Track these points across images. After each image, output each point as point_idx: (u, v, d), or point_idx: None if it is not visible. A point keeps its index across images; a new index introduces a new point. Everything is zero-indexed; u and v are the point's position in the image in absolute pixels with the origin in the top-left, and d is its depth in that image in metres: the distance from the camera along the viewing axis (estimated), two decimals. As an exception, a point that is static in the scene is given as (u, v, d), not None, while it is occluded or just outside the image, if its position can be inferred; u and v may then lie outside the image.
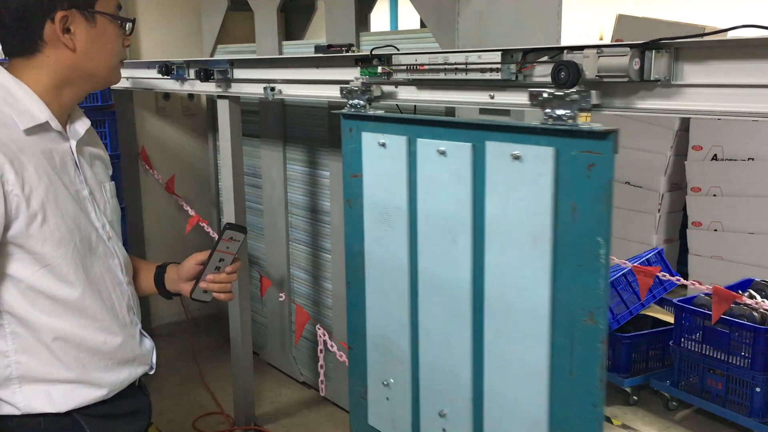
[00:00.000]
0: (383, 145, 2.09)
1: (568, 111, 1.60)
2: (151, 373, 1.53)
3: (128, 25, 1.42)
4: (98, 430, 1.38)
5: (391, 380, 2.23)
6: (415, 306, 2.09)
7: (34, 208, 1.26)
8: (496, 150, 1.76)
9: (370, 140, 2.14)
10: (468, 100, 1.91)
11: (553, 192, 1.66)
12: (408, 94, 2.13)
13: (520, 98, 1.77)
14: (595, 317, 1.64)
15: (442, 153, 1.91)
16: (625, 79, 1.46)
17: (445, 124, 1.93)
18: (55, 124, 1.34)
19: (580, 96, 1.56)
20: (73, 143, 1.39)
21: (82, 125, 1.41)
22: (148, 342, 1.53)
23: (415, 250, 2.04)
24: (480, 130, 1.81)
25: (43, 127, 1.32)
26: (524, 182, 1.71)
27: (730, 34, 1.45)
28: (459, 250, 1.91)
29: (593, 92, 1.57)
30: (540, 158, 1.67)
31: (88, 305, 1.35)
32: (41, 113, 1.31)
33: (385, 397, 2.27)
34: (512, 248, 1.77)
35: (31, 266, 1.28)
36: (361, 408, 2.39)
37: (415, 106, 2.42)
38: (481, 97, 1.86)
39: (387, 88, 2.19)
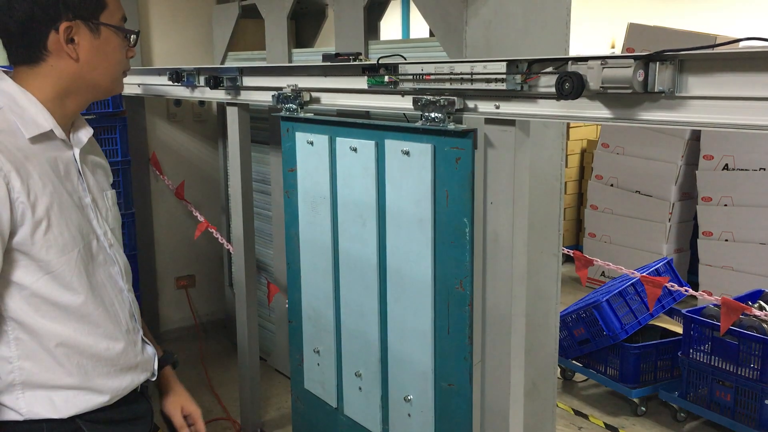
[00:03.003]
0: (311, 143, 2.43)
1: (440, 114, 1.90)
2: (153, 379, 1.53)
3: (132, 37, 1.44)
4: (100, 436, 1.39)
5: (321, 348, 2.56)
6: (338, 281, 2.42)
7: (39, 215, 1.27)
8: (392, 146, 2.12)
9: (301, 139, 2.48)
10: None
11: (432, 181, 1.99)
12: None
13: (525, 109, 1.77)
14: (463, 285, 1.97)
15: (354, 150, 2.25)
16: (629, 91, 1.46)
17: (355, 125, 2.26)
18: (59, 132, 1.35)
19: (448, 102, 1.88)
20: (77, 151, 1.40)
21: (85, 134, 1.43)
22: (150, 349, 1.53)
23: (336, 233, 2.41)
24: (381, 130, 2.15)
25: (47, 136, 1.33)
26: (412, 173, 2.06)
27: (735, 47, 1.45)
28: (367, 232, 2.26)
29: (456, 99, 1.86)
30: (422, 153, 2.01)
31: (91, 312, 1.36)
32: (46, 122, 1.33)
33: (316, 363, 2.60)
34: (405, 229, 2.12)
35: (35, 273, 1.29)
36: (299, 374, 2.73)
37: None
38: (487, 107, 1.86)
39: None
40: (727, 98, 1.38)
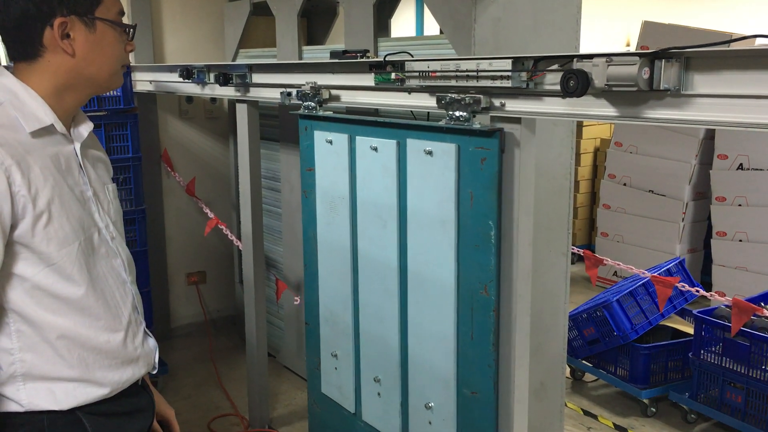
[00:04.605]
0: (330, 142, 2.38)
1: (465, 113, 1.85)
2: (154, 372, 1.54)
3: (130, 31, 1.44)
4: (100, 429, 1.40)
5: (338, 351, 2.51)
6: (356, 284, 2.37)
7: (40, 208, 1.28)
8: (414, 146, 2.06)
9: (320, 138, 2.43)
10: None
11: (456, 182, 1.93)
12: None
13: (531, 107, 1.76)
14: (488, 289, 1.91)
15: (374, 149, 2.19)
16: (634, 89, 1.45)
17: (376, 123, 2.21)
18: (59, 126, 1.37)
19: (473, 100, 1.81)
20: (77, 146, 1.41)
21: (85, 128, 1.44)
22: (152, 341, 1.54)
23: (356, 234, 2.35)
24: (402, 129, 2.10)
25: (48, 130, 1.35)
26: (434, 174, 1.99)
27: (742, 44, 1.43)
28: (388, 234, 2.20)
29: (482, 97, 1.80)
30: (446, 153, 1.94)
31: (91, 304, 1.37)
32: (46, 116, 1.34)
33: (334, 367, 2.55)
34: (427, 231, 2.05)
35: (36, 265, 1.30)
36: (316, 378, 2.68)
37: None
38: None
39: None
40: (735, 96, 1.37)
